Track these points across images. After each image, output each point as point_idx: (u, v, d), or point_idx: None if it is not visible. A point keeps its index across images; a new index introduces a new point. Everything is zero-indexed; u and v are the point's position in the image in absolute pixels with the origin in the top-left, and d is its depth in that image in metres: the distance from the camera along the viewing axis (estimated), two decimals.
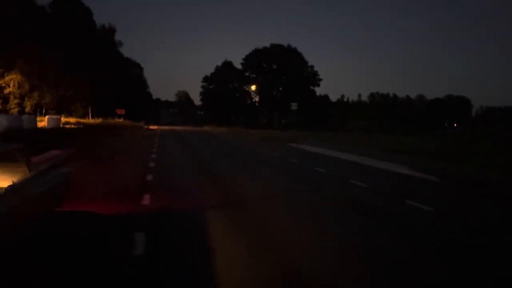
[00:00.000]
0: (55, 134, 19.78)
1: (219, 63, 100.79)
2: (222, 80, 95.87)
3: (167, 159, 14.48)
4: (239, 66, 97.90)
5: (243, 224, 5.64)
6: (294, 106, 35.83)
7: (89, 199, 6.62)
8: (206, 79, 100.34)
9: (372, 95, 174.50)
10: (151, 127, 58.21)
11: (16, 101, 39.11)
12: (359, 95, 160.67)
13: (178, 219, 5.81)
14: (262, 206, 6.88)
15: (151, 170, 10.73)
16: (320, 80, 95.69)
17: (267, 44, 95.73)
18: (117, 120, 50.33)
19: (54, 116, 31.24)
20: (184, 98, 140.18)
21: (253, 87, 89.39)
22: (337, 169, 13.36)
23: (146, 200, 6.87)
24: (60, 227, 5.06)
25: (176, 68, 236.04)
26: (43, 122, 29.62)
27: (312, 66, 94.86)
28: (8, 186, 3.52)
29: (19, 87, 38.26)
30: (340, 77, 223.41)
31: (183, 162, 13.93)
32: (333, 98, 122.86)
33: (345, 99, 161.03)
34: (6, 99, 38.84)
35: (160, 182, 8.96)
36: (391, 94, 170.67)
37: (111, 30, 62.45)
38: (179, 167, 12.39)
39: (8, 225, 3.38)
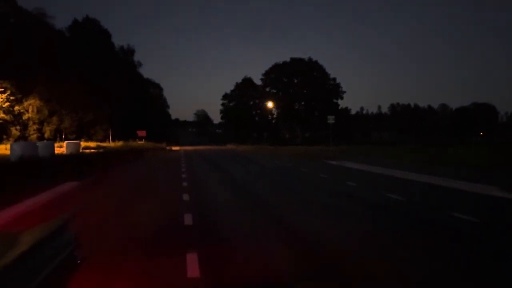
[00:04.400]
0: (73, 161, 17.84)
1: (238, 80, 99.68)
2: (242, 97, 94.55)
3: (203, 190, 12.09)
4: (259, 82, 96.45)
5: None
6: (331, 119, 33.06)
7: (105, 270, 4.25)
8: (226, 96, 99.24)
9: (392, 106, 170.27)
10: (173, 148, 56.46)
11: (35, 126, 37.96)
12: (379, 107, 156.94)
13: None
14: (383, 274, 4.31)
15: (187, 207, 8.35)
16: (343, 92, 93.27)
17: (287, 59, 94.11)
18: (139, 142, 48.48)
19: (73, 141, 29.60)
20: (202, 118, 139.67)
21: (271, 104, 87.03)
22: (412, 193, 10.64)
23: (194, 268, 4.38)
24: None
25: (194, 87, 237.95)
26: (62, 148, 27.95)
27: (334, 79, 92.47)
28: None
29: (38, 112, 37.07)
30: (358, 90, 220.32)
31: (221, 192, 11.51)
32: (352, 110, 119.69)
33: (364, 112, 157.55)
34: (25, 125, 37.71)
35: (205, 229, 6.49)
36: (412, 105, 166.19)
37: (130, 51, 62.02)
38: (219, 200, 9.96)
39: None
